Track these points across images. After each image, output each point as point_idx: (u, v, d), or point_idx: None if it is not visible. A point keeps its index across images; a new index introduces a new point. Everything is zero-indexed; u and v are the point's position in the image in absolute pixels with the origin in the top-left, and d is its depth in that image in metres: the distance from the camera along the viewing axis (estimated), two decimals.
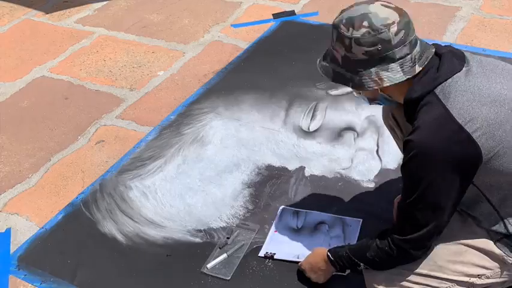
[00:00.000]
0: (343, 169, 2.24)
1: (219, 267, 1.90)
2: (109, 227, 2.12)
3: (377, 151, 2.34)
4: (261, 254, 1.91)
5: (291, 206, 2.12)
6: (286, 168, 2.31)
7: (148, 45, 3.40)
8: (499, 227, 1.46)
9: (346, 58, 1.42)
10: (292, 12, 3.57)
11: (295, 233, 1.98)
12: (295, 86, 2.78)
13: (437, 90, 1.37)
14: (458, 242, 1.51)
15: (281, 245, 1.93)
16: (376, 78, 1.39)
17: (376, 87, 1.41)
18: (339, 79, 1.47)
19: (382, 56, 1.37)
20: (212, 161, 2.39)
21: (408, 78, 1.39)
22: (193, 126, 2.62)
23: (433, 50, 1.44)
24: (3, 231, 2.17)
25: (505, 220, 1.45)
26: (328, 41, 1.48)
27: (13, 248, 2.09)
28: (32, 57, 3.36)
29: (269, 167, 2.33)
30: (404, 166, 1.41)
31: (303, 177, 2.25)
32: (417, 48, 1.40)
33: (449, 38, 3.12)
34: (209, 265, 1.90)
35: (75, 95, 2.97)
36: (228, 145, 2.48)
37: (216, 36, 3.42)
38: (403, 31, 1.36)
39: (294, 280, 1.82)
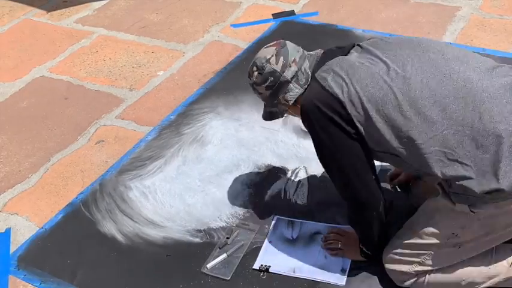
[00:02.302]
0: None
1: (219, 267, 1.90)
2: (109, 227, 2.12)
3: None
4: (256, 266, 1.89)
5: (290, 206, 2.13)
6: (286, 168, 2.31)
7: (148, 45, 3.40)
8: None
9: (264, 99, 1.77)
10: (292, 12, 3.57)
11: (290, 243, 1.96)
12: None
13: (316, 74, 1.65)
14: (431, 206, 1.65)
15: (276, 257, 1.91)
16: (284, 102, 1.70)
17: (287, 109, 1.73)
18: (272, 116, 1.81)
19: (278, 84, 1.68)
20: (212, 161, 2.39)
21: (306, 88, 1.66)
22: (193, 126, 2.62)
23: (321, 52, 1.72)
24: (3, 231, 2.17)
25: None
26: (327, 41, 1.52)
27: (13, 248, 2.09)
28: (32, 57, 3.36)
29: (269, 167, 2.33)
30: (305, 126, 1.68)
31: (302, 177, 2.25)
32: (306, 62, 1.69)
33: (449, 37, 3.12)
34: (209, 265, 1.90)
35: (74, 95, 2.98)
36: (228, 145, 2.48)
37: (215, 36, 3.42)
38: (282, 57, 1.67)
39: (295, 279, 1.83)
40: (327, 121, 1.56)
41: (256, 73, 1.70)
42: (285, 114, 1.80)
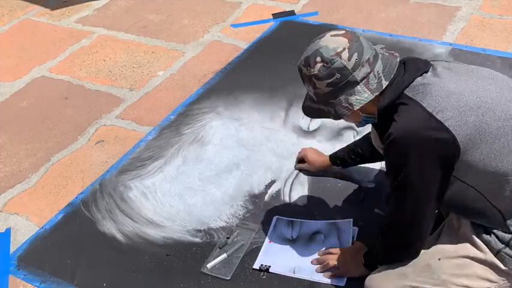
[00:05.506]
0: (343, 169, 2.23)
1: (218, 267, 1.90)
2: (109, 227, 2.12)
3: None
4: (256, 266, 1.88)
5: (290, 206, 2.13)
6: (287, 168, 2.31)
7: (148, 45, 3.40)
8: (502, 234, 1.46)
9: (317, 94, 1.51)
10: (292, 12, 3.58)
11: (290, 243, 1.95)
12: (295, 86, 2.78)
13: (407, 91, 1.43)
14: (460, 254, 1.51)
15: (276, 257, 1.90)
16: (347, 105, 1.46)
17: (349, 113, 1.48)
18: (320, 114, 1.57)
19: (344, 83, 1.44)
20: (212, 161, 2.39)
21: (376, 95, 1.45)
22: (193, 126, 2.62)
23: (398, 59, 1.50)
24: (3, 231, 2.17)
25: (508, 222, 1.45)
26: None
27: (13, 248, 2.09)
28: (32, 57, 3.36)
29: (269, 167, 2.33)
30: (385, 155, 1.46)
31: (302, 177, 2.25)
32: (379, 63, 1.46)
33: (449, 38, 3.12)
34: (209, 265, 1.90)
35: (75, 95, 2.98)
36: (228, 145, 2.48)
37: (215, 36, 3.42)
38: (356, 53, 1.42)
39: (295, 279, 1.83)
40: (426, 157, 1.37)
41: (319, 65, 1.44)
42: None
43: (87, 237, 2.09)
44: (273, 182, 2.25)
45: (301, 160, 2.26)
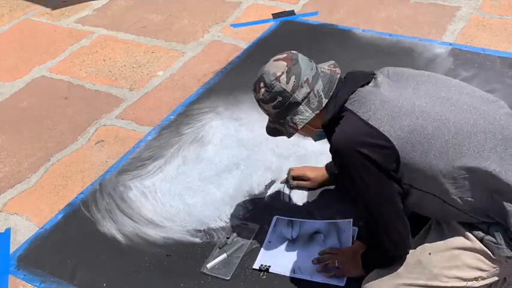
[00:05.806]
0: None
1: (218, 267, 1.90)
2: (108, 227, 2.12)
3: None
4: (256, 266, 1.88)
5: (290, 206, 2.13)
6: (286, 168, 2.31)
7: (147, 45, 3.40)
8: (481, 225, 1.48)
9: (269, 115, 1.66)
10: (292, 12, 3.58)
11: (290, 243, 1.95)
12: None
13: (347, 104, 1.51)
14: (450, 246, 1.52)
15: (276, 257, 1.90)
16: (292, 124, 1.58)
17: (295, 132, 1.60)
18: (275, 133, 1.72)
19: (287, 105, 1.56)
20: (212, 161, 2.39)
21: (317, 113, 1.55)
22: (193, 126, 2.62)
23: (338, 75, 1.59)
24: (3, 231, 2.17)
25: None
26: (327, 41, 1.50)
27: (13, 248, 2.09)
28: (32, 57, 3.36)
29: (269, 167, 2.33)
30: (335, 165, 1.54)
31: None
32: (319, 83, 1.56)
33: (449, 37, 3.12)
34: (209, 265, 1.90)
35: (74, 95, 2.98)
36: (228, 145, 2.48)
37: (215, 36, 3.42)
38: (294, 76, 1.53)
39: (294, 279, 1.83)
40: (366, 163, 1.42)
41: (263, 90, 1.57)
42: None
43: (87, 237, 2.09)
44: (273, 182, 2.25)
45: (296, 178, 2.18)
